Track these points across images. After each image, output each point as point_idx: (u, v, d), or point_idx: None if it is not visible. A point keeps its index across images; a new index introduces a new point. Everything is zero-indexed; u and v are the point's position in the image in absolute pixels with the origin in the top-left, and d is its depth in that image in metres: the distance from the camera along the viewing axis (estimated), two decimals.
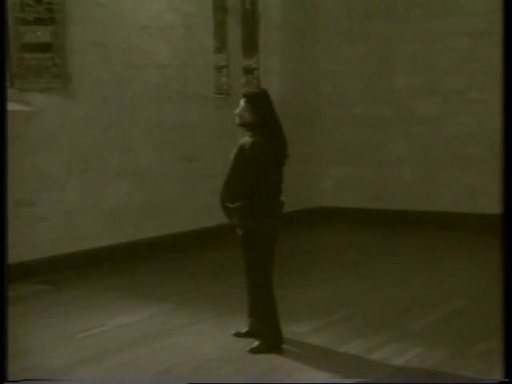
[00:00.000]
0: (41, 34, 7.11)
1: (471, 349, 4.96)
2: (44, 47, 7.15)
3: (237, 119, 4.99)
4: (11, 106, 6.16)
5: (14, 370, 3.92)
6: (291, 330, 5.28)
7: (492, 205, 10.07)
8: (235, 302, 6.29)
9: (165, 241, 8.60)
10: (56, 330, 5.54)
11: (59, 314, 5.98)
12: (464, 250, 8.72)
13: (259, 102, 4.97)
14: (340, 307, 6.10)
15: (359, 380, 4.28)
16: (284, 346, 5.00)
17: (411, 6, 10.52)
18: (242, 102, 4.98)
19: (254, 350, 4.94)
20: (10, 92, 6.69)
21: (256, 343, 4.98)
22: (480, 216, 10.03)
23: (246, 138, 4.94)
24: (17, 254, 6.39)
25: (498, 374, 4.47)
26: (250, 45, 10.48)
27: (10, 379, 3.51)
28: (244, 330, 5.26)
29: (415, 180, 10.66)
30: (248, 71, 10.46)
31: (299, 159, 10.16)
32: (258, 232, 4.90)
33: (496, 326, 5.48)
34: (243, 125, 4.98)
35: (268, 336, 4.98)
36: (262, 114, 4.93)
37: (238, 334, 5.27)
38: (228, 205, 4.97)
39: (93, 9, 7.68)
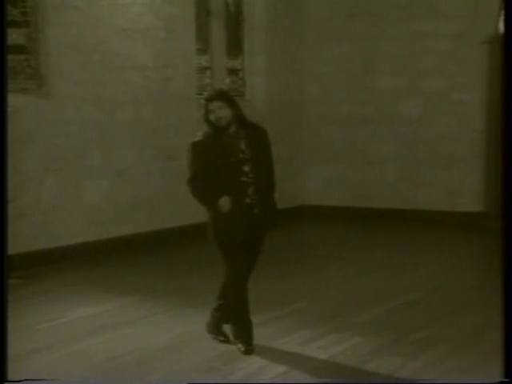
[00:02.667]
0: (15, 37, 7.33)
1: (407, 337, 5.14)
2: (19, 49, 7.36)
3: (220, 122, 4.77)
4: None
5: None
6: None
7: (471, 203, 10.27)
8: (198, 295, 6.54)
9: (144, 238, 8.81)
10: (17, 321, 5.70)
11: (24, 307, 6.18)
12: (438, 246, 8.90)
13: (230, 97, 4.90)
14: (297, 300, 6.27)
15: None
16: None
17: (394, 8, 10.67)
18: (214, 105, 4.77)
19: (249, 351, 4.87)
20: None
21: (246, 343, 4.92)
22: (459, 214, 10.20)
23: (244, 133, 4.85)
24: None
25: (422, 359, 4.68)
26: (235, 46, 10.66)
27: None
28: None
29: (398, 179, 10.81)
30: (233, 72, 10.65)
31: (285, 158, 10.39)
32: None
33: (437, 316, 5.73)
34: (227, 126, 4.80)
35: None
36: (238, 107, 4.86)
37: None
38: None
39: (68, 12, 7.89)
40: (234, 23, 10.63)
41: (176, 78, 9.30)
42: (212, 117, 4.81)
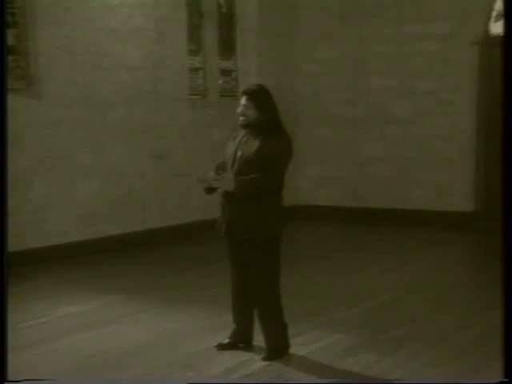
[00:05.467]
0: None
1: (384, 335, 5.22)
2: (7, 50, 7.42)
3: (240, 119, 4.71)
4: None
5: None
6: (224, 319, 5.50)
7: (461, 203, 10.32)
8: (183, 293, 6.63)
9: (136, 237, 8.87)
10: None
11: (10, 305, 6.21)
12: (426, 246, 8.95)
13: (263, 98, 4.70)
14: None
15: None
16: (210, 334, 5.26)
17: (384, 10, 10.72)
18: (243, 101, 4.68)
19: (267, 359, 4.73)
20: None
21: (266, 353, 4.78)
22: (449, 213, 10.26)
23: (256, 140, 4.64)
24: None
25: (397, 356, 4.76)
26: (227, 47, 10.73)
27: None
28: (226, 340, 5.00)
29: (389, 179, 10.87)
30: (225, 73, 10.71)
31: None
32: (278, 236, 4.83)
33: (415, 314, 5.80)
34: (247, 125, 4.70)
35: (278, 345, 4.81)
36: (268, 112, 4.68)
37: (220, 346, 4.97)
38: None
39: (59, 13, 7.98)
40: (227, 24, 10.69)
41: (167, 79, 9.38)
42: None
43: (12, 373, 4.31)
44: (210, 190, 4.83)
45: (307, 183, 11.40)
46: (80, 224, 8.38)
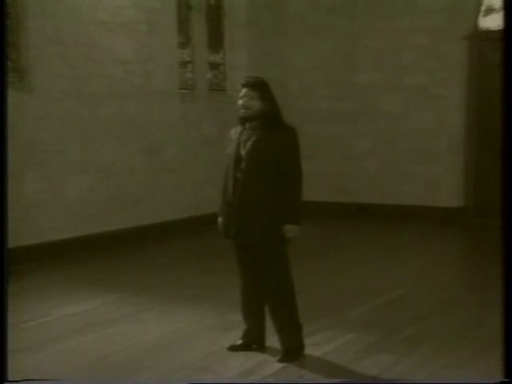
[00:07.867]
0: None
1: (398, 334, 5.16)
2: None
3: (242, 112, 4.55)
4: None
5: None
6: (232, 318, 5.40)
7: (451, 198, 10.31)
8: (184, 291, 6.52)
9: (128, 233, 8.73)
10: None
11: (10, 305, 6.07)
12: (420, 242, 8.94)
13: (266, 89, 4.56)
14: None
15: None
16: (220, 334, 5.17)
17: (374, 3, 10.67)
18: (244, 93, 4.54)
19: (282, 360, 4.63)
20: None
21: (281, 355, 4.67)
22: (439, 209, 10.25)
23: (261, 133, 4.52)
24: None
25: (414, 357, 4.69)
26: (216, 40, 10.60)
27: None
28: (239, 341, 4.89)
29: (379, 174, 10.84)
30: (214, 66, 10.58)
31: None
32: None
33: (425, 312, 5.75)
34: (250, 118, 4.54)
35: (293, 347, 4.71)
36: (271, 103, 4.54)
37: (233, 347, 4.86)
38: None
39: (50, 4, 7.79)
40: (215, 17, 10.57)
41: (158, 73, 9.24)
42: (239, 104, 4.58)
43: (17, 376, 4.22)
44: None
45: None
46: (72, 221, 8.21)
